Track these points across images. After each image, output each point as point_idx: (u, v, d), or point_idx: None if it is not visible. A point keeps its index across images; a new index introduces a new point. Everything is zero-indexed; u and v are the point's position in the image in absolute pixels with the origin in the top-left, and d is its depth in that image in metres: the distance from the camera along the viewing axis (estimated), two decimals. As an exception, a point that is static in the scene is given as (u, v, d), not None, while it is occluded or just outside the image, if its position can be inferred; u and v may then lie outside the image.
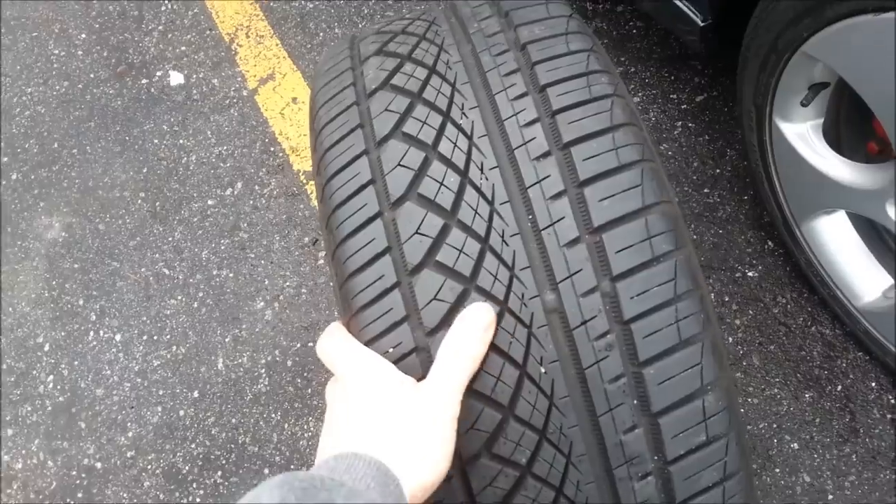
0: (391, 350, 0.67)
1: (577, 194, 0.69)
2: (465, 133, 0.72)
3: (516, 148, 0.71)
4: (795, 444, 1.44)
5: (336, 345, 0.68)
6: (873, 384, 1.47)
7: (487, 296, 0.67)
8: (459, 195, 0.69)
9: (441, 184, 0.69)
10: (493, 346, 0.66)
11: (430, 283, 0.67)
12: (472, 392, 0.65)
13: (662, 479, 0.68)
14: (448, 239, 0.67)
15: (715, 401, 0.68)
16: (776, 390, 1.49)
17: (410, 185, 0.69)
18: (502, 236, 0.69)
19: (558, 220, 0.69)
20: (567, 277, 0.67)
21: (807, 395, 1.48)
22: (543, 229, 0.69)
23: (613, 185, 0.69)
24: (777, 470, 1.42)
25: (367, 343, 0.68)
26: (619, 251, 0.67)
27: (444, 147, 0.71)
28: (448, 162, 0.70)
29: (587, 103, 0.73)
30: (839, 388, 1.48)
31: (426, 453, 0.60)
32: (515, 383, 0.66)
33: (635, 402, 0.67)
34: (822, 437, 1.44)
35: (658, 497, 0.69)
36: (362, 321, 0.68)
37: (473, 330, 0.63)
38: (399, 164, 0.71)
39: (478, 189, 0.70)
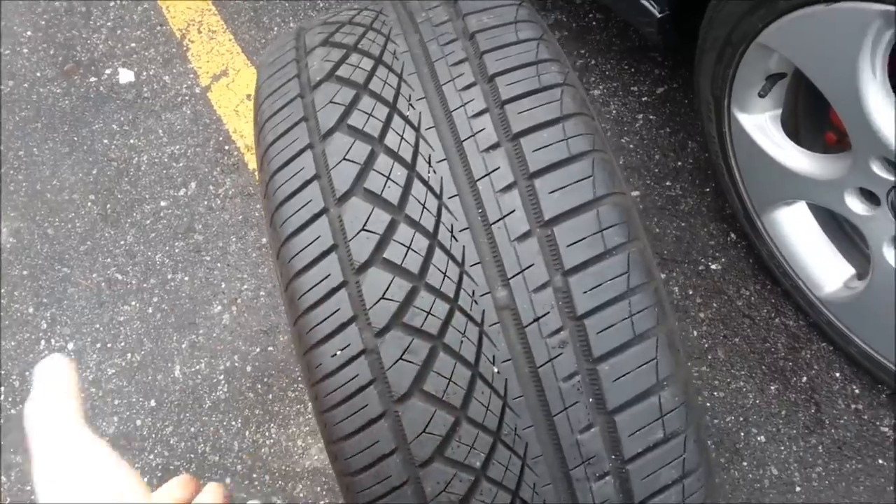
0: (339, 353, 0.65)
1: (528, 186, 0.67)
2: (412, 125, 0.70)
3: (465, 140, 0.69)
4: (762, 437, 1.43)
5: (52, 417, 0.57)
6: (837, 374, 1.47)
7: (437, 294, 0.65)
8: (407, 189, 0.67)
9: (388, 178, 0.67)
10: (445, 347, 0.64)
11: (378, 282, 0.65)
12: (424, 394, 0.63)
13: (620, 478, 0.67)
14: (395, 235, 0.66)
15: (671, 396, 0.67)
16: (742, 383, 1.48)
17: (356, 180, 0.67)
18: (451, 231, 0.67)
19: (508, 214, 0.67)
20: (518, 273, 0.66)
21: (772, 388, 1.47)
22: (494, 223, 0.67)
23: (564, 177, 0.68)
24: (744, 463, 1.41)
25: (315, 345, 0.66)
26: (571, 244, 0.66)
27: (391, 140, 0.69)
28: (395, 155, 0.69)
29: (537, 93, 0.71)
30: (804, 379, 1.47)
31: None
32: (468, 384, 0.64)
33: (591, 399, 0.66)
34: (788, 430, 1.43)
35: (616, 497, 0.68)
36: (309, 323, 0.66)
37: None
38: (344, 159, 0.69)
39: (425, 183, 0.68)
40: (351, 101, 0.71)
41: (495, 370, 0.65)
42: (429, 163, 0.69)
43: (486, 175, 0.68)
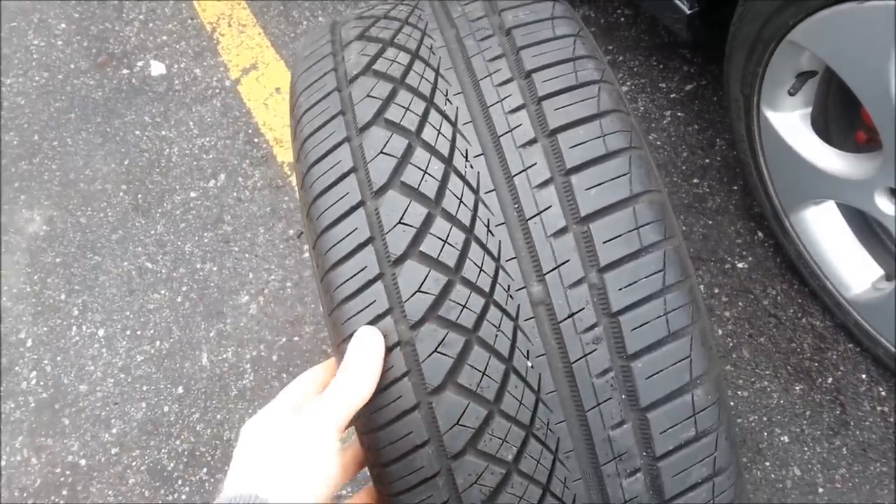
0: None
1: (564, 183, 0.67)
2: (449, 120, 0.70)
3: (502, 135, 0.69)
4: (786, 438, 1.43)
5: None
6: (864, 376, 1.46)
7: (473, 287, 0.65)
8: (444, 184, 0.67)
9: (425, 172, 0.67)
10: (479, 340, 0.64)
11: (414, 275, 0.65)
12: (458, 386, 0.64)
13: (651, 475, 0.67)
14: (432, 229, 0.66)
15: (704, 395, 0.67)
16: (766, 383, 1.48)
17: (393, 174, 0.68)
18: (487, 226, 0.67)
19: (545, 210, 0.67)
20: (554, 268, 0.66)
21: (797, 388, 1.47)
22: (530, 219, 0.67)
23: (601, 174, 0.67)
24: (767, 463, 1.41)
25: (350, 337, 0.66)
26: (607, 241, 0.66)
27: (428, 134, 0.69)
28: (432, 149, 0.69)
29: (574, 89, 0.71)
30: (830, 380, 1.46)
31: (304, 484, 0.60)
32: (501, 378, 0.64)
33: (623, 396, 0.66)
34: (812, 430, 1.43)
35: (647, 494, 0.68)
36: (344, 314, 0.67)
37: (364, 363, 0.64)
38: (381, 152, 0.69)
39: (462, 177, 0.68)
40: (388, 96, 0.72)
41: (529, 364, 0.65)
42: (466, 157, 0.69)
43: (522, 171, 0.68)
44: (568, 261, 0.66)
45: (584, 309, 0.65)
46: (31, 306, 1.88)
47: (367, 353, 0.64)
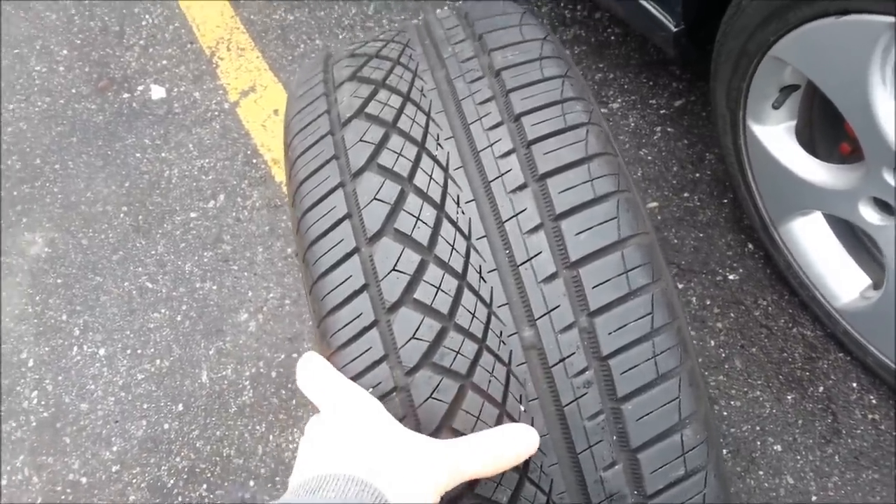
0: (371, 390, 0.66)
1: (554, 228, 0.68)
2: (440, 165, 0.71)
3: (492, 180, 0.70)
4: (778, 447, 1.44)
5: (321, 377, 0.66)
6: (854, 385, 1.47)
7: (466, 334, 0.66)
8: (436, 230, 0.68)
9: (417, 218, 0.68)
10: (473, 386, 0.65)
11: (409, 322, 0.65)
12: (453, 431, 0.65)
13: None
14: (425, 276, 0.66)
15: (693, 434, 0.68)
16: (758, 392, 1.49)
17: (387, 220, 0.68)
18: (480, 272, 0.68)
19: (535, 255, 0.68)
20: (545, 314, 0.67)
21: (789, 397, 1.48)
22: (521, 265, 0.68)
23: (590, 218, 0.68)
24: (760, 472, 1.42)
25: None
26: (596, 286, 0.67)
27: (420, 180, 0.70)
28: (424, 195, 0.69)
29: (562, 132, 0.72)
30: (821, 389, 1.48)
31: (415, 475, 0.57)
32: (495, 423, 0.65)
33: (614, 438, 0.67)
34: (804, 439, 1.44)
35: None
36: (341, 360, 0.67)
37: (513, 451, 0.62)
38: (375, 198, 0.69)
39: (454, 224, 0.69)
40: (380, 140, 0.72)
41: (522, 409, 0.66)
42: (457, 203, 0.70)
43: (513, 216, 0.69)
44: (558, 306, 0.67)
45: (574, 353, 0.66)
46: (33, 327, 1.91)
47: (517, 444, 0.62)
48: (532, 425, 0.66)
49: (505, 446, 0.61)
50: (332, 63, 0.84)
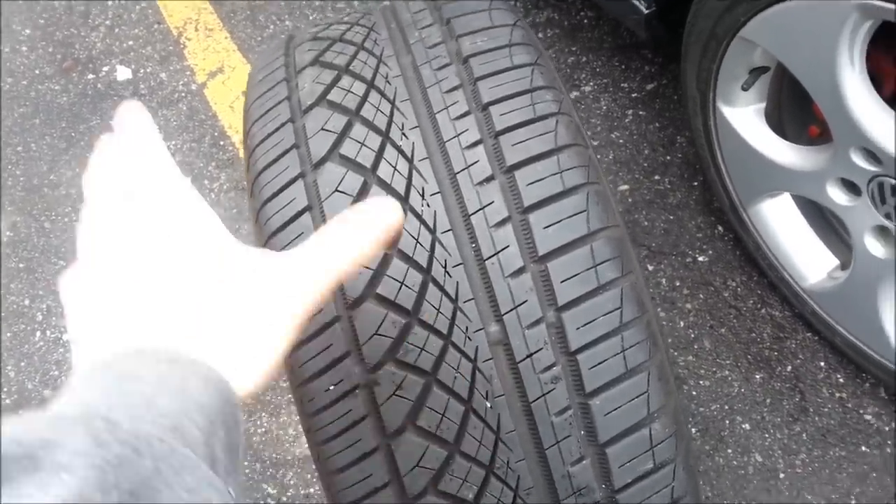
0: (332, 388, 0.65)
1: (522, 221, 0.67)
2: (405, 156, 0.69)
3: (458, 172, 0.68)
4: (747, 425, 1.46)
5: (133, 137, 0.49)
6: (822, 364, 1.49)
7: (430, 330, 0.64)
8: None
9: None
10: (438, 382, 0.64)
11: (372, 317, 0.64)
12: (417, 429, 0.64)
13: None
14: (389, 270, 0.65)
15: (662, 428, 0.68)
16: (727, 372, 1.51)
17: None
18: (445, 267, 0.66)
19: (502, 249, 0.67)
20: (512, 309, 0.66)
21: (757, 377, 1.50)
22: (487, 259, 0.67)
23: (558, 211, 0.67)
24: (729, 451, 1.44)
25: (308, 380, 0.65)
26: (565, 280, 0.66)
27: (384, 171, 0.68)
28: (388, 188, 0.67)
29: (531, 123, 0.70)
30: (789, 368, 1.50)
31: (256, 342, 0.41)
32: (461, 419, 0.64)
33: (582, 433, 0.66)
34: (772, 417, 1.46)
35: None
36: (302, 357, 0.66)
37: (372, 228, 0.46)
38: (336, 190, 0.67)
39: (419, 217, 0.67)
40: (343, 129, 0.70)
41: (488, 405, 0.65)
42: (422, 196, 0.68)
43: (480, 209, 0.67)
44: (526, 301, 0.66)
45: (542, 349, 0.66)
46: (-5, 312, 1.87)
47: (374, 208, 0.47)
48: (498, 422, 0.65)
49: (361, 223, 0.46)
50: (294, 46, 0.81)
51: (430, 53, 0.75)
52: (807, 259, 1.43)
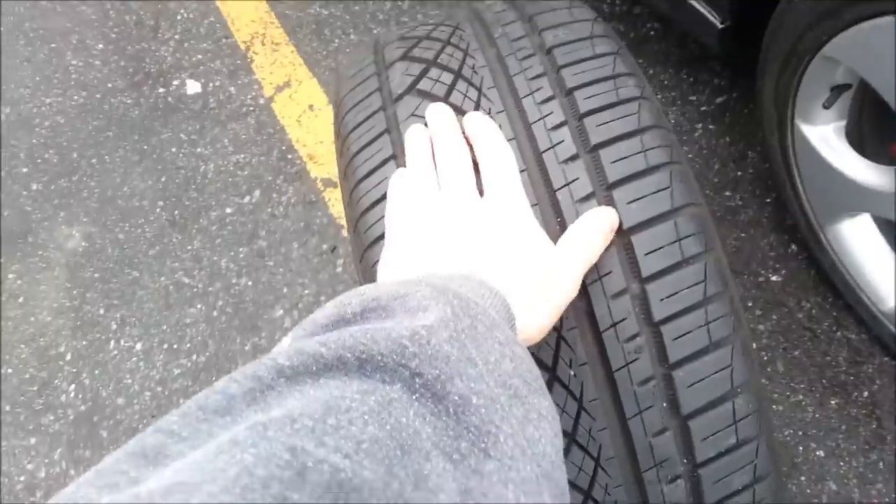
0: None
1: (606, 197, 0.68)
2: None
3: (544, 151, 0.71)
4: (821, 452, 1.42)
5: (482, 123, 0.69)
6: (900, 389, 1.44)
7: None
8: None
9: None
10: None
11: None
12: None
13: (692, 482, 0.68)
14: None
15: (745, 403, 0.68)
16: (801, 396, 1.47)
17: None
18: None
19: None
20: (597, 280, 0.67)
21: (832, 402, 1.46)
22: None
23: (642, 188, 0.68)
24: (802, 478, 1.40)
25: None
26: (649, 253, 0.66)
27: None
28: None
29: (614, 106, 0.72)
30: (865, 393, 1.45)
31: (547, 299, 0.57)
32: (546, 386, 0.66)
33: (665, 404, 0.66)
34: (848, 445, 1.41)
35: (687, 500, 0.68)
36: None
37: (597, 230, 0.63)
38: None
39: None
40: None
41: (572, 373, 0.66)
42: None
43: (565, 185, 0.69)
44: (610, 272, 0.67)
45: (626, 319, 0.66)
46: (71, 321, 1.92)
47: (595, 229, 0.64)
48: (582, 390, 0.66)
49: (591, 233, 0.63)
50: (383, 46, 0.85)
51: (514, 46, 0.78)
52: (886, 281, 1.38)
